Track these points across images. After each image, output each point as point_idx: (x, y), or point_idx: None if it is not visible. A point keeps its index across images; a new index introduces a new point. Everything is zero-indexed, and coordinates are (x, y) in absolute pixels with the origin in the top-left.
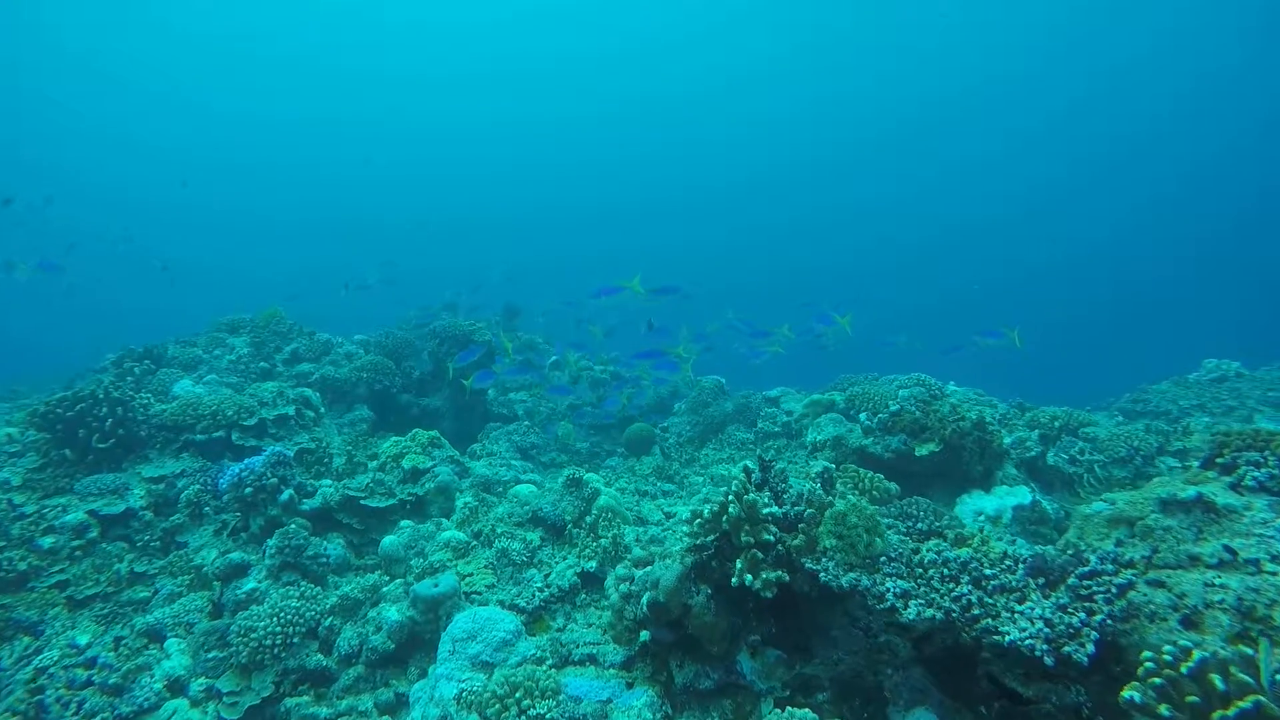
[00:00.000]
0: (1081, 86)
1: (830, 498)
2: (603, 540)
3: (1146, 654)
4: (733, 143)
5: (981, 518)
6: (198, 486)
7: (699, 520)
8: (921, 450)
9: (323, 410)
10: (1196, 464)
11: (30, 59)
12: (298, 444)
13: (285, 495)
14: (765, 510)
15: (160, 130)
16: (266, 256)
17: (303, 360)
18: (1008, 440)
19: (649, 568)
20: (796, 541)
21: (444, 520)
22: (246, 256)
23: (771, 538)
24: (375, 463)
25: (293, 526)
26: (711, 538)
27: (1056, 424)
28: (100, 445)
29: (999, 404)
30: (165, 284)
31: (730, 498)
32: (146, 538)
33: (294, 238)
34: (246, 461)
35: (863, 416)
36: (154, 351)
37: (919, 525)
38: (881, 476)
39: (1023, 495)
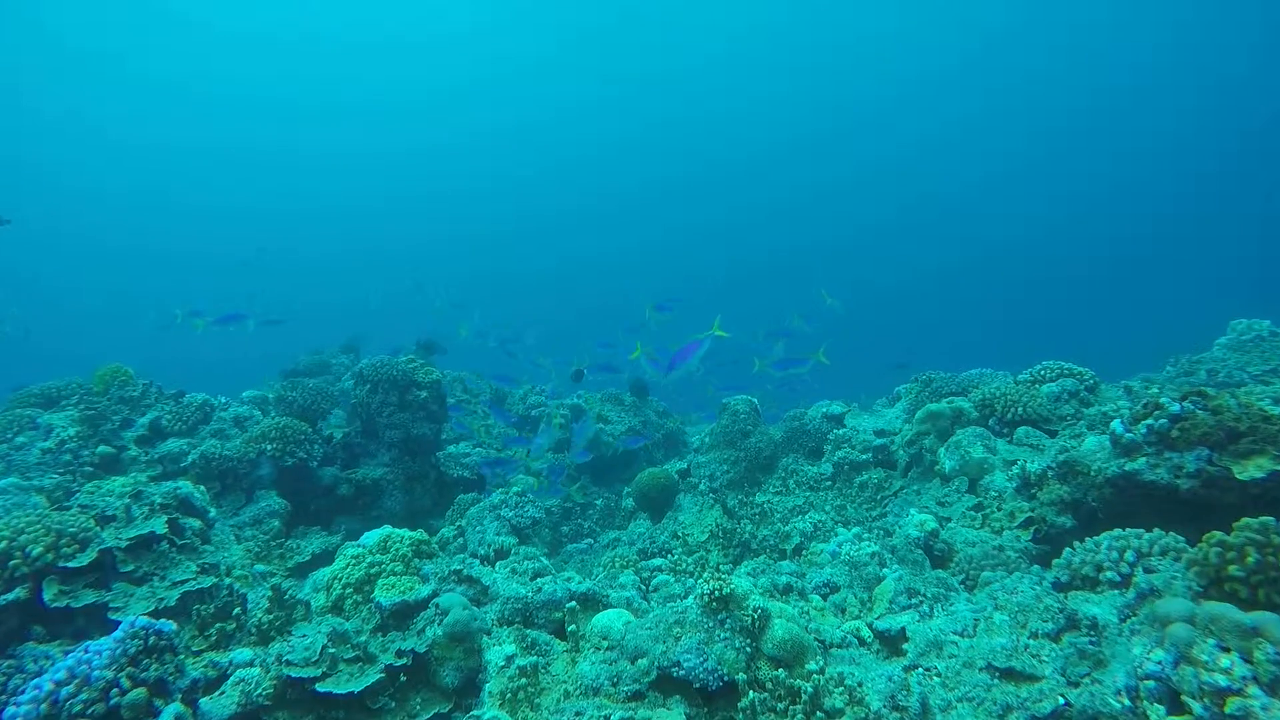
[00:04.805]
0: (1052, 60)
1: None
2: None
3: None
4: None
5: None
6: None
7: None
8: (1250, 471)
9: (211, 510)
10: None
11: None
12: (180, 583)
13: (166, 718)
14: None
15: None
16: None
17: (169, 435)
18: None
19: None
20: None
21: (500, 717)
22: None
23: None
24: (323, 597)
25: None
26: None
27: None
28: None
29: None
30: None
31: None
32: None
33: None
34: (79, 652)
35: (1116, 425)
36: None
37: None
38: None
39: None
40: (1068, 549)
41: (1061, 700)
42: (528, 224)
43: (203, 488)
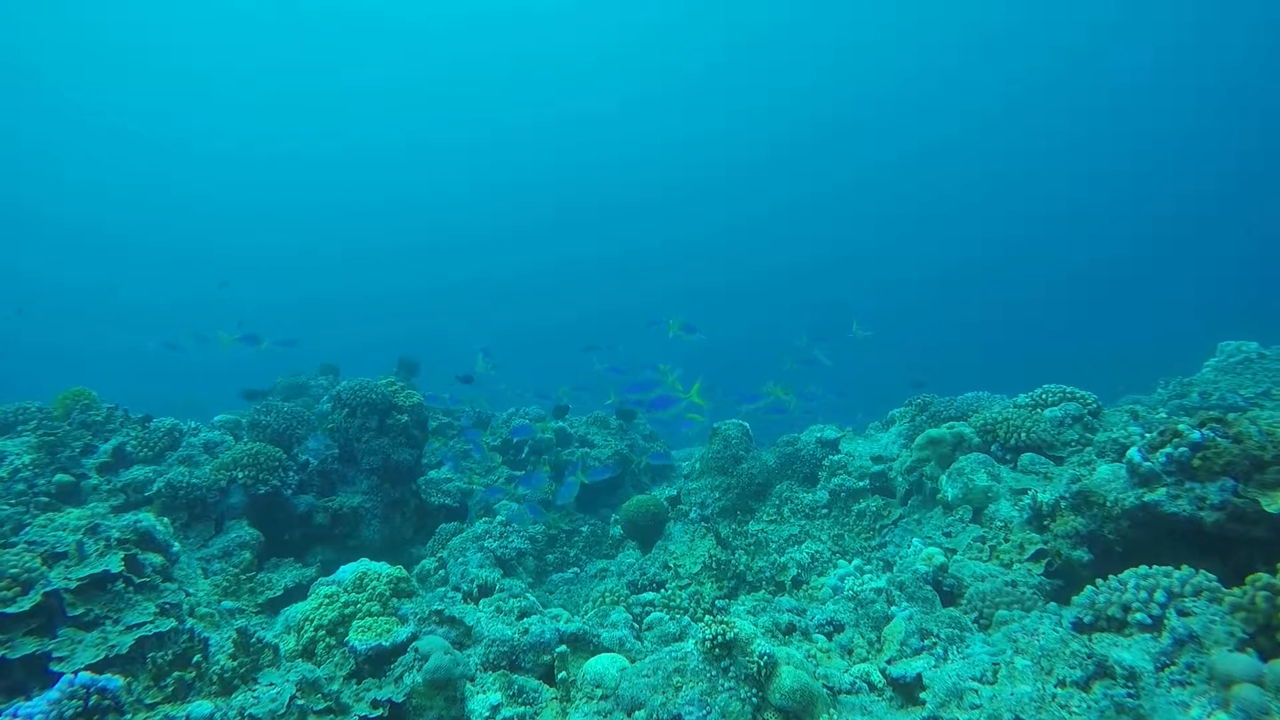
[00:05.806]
0: (1037, 66)
1: None
2: None
3: None
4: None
5: None
6: None
7: None
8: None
9: (175, 545)
10: None
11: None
12: (135, 627)
13: None
14: None
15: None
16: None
17: (134, 462)
18: None
19: None
20: None
21: None
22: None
23: None
24: (293, 640)
25: None
26: None
27: None
28: None
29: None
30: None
31: None
32: None
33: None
34: (6, 716)
35: (1133, 453)
36: None
37: None
38: None
39: None
40: (1090, 587)
41: None
42: (523, 228)
43: (166, 520)
